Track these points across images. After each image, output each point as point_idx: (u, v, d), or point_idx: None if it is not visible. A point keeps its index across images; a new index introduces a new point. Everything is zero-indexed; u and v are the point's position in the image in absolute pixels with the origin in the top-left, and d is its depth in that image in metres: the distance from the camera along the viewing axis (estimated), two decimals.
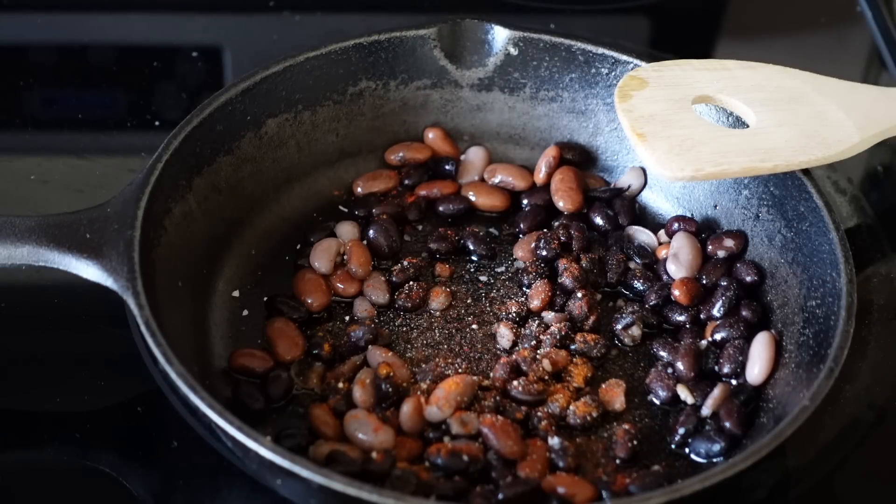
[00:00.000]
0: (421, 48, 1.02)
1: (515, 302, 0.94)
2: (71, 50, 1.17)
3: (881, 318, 0.96)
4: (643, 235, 0.99)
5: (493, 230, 1.00)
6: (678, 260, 0.96)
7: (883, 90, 0.98)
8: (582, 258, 0.96)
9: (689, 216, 0.99)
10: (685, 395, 0.89)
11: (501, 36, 1.02)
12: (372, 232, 0.97)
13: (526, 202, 1.01)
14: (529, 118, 1.04)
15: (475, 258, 0.98)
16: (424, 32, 1.01)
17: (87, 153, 1.06)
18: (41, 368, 0.92)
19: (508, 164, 1.04)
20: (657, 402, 0.90)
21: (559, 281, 0.95)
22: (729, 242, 0.96)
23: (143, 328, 0.82)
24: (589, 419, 0.87)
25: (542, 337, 0.91)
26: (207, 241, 0.94)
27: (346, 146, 1.02)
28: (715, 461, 0.86)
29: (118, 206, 0.88)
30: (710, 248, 0.96)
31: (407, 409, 0.86)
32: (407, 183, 1.02)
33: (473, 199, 1.01)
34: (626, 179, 1.02)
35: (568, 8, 1.22)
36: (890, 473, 0.90)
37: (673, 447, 0.87)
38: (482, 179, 1.03)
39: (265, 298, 0.94)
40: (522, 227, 1.00)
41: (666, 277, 0.96)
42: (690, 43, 1.23)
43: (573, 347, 0.91)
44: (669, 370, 0.90)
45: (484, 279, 0.97)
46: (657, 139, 0.90)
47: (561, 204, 1.00)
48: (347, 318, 0.94)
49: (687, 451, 0.87)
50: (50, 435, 0.88)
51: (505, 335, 0.92)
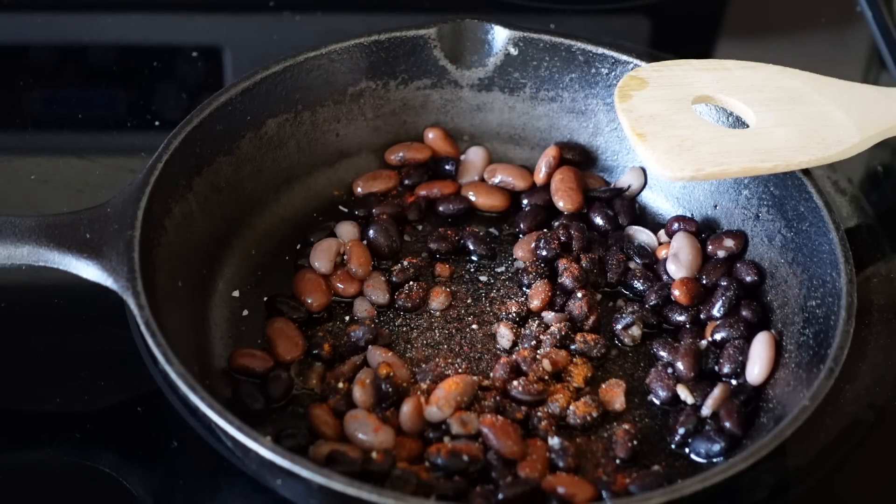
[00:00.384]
0: (421, 48, 1.02)
1: (515, 302, 0.94)
2: (71, 50, 1.17)
3: (881, 318, 0.96)
4: (643, 235, 0.99)
5: (493, 230, 1.00)
6: (678, 260, 0.96)
7: (883, 90, 0.98)
8: (582, 258, 0.96)
9: (689, 216, 0.99)
10: (685, 395, 0.89)
11: (501, 36, 1.02)
12: (372, 232, 0.97)
13: (526, 202, 1.01)
14: (529, 118, 1.04)
15: (475, 258, 0.98)
16: (424, 32, 1.01)
17: (87, 153, 1.06)
18: (41, 368, 0.91)
19: (508, 164, 1.04)
20: (657, 402, 0.90)
21: (559, 281, 0.95)
22: (729, 242, 0.96)
23: (143, 328, 0.82)
24: (589, 419, 0.87)
25: (542, 337, 0.91)
26: (207, 241, 0.94)
27: (346, 146, 1.02)
28: (715, 461, 0.86)
29: (118, 206, 0.88)
30: (710, 248, 0.96)
31: (407, 409, 0.86)
32: (407, 183, 1.02)
33: (473, 199, 1.01)
34: (626, 179, 1.02)
35: (568, 8, 1.22)
36: (890, 473, 0.90)
37: (673, 447, 0.87)
38: (482, 179, 1.03)
39: (265, 298, 0.94)
40: (522, 227, 1.00)
41: (666, 277, 0.96)
42: (690, 43, 1.23)
43: (573, 347, 0.91)
44: (669, 370, 0.90)
45: (484, 279, 0.97)
46: (657, 139, 0.90)
47: (561, 204, 1.00)
48: (347, 318, 0.94)
49: (687, 451, 0.87)
50: (50, 435, 0.88)
51: (505, 335, 0.92)
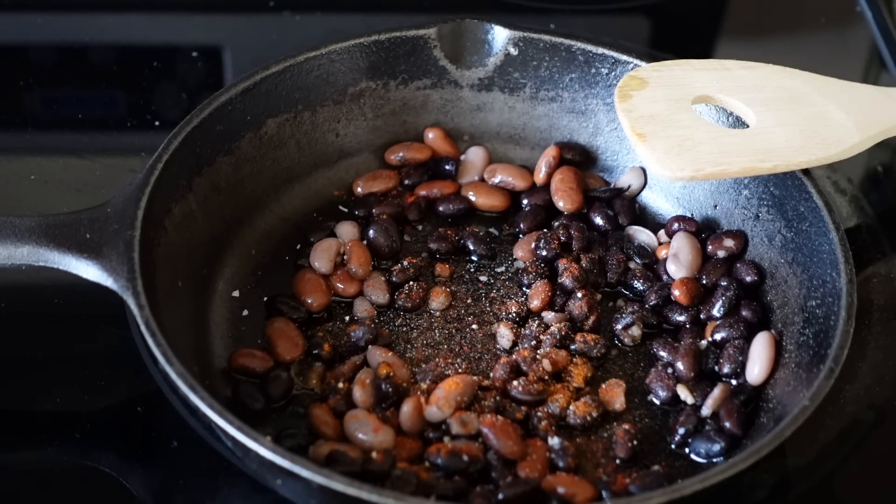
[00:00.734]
0: (421, 48, 1.02)
1: (515, 302, 0.94)
2: (71, 50, 1.17)
3: (881, 318, 0.96)
4: (643, 235, 0.99)
5: (493, 230, 1.00)
6: (678, 260, 0.96)
7: (883, 90, 0.98)
8: (582, 258, 0.96)
9: (689, 216, 0.99)
10: (685, 395, 0.89)
11: (501, 36, 1.02)
12: (372, 232, 0.97)
13: (526, 202, 1.01)
14: (529, 118, 1.04)
15: (475, 258, 0.98)
16: (424, 32, 1.01)
17: (87, 153, 1.06)
18: (41, 368, 0.92)
19: (508, 164, 1.04)
20: (657, 402, 0.90)
21: (559, 281, 0.95)
22: (729, 242, 0.96)
23: (143, 328, 0.82)
24: (589, 419, 0.87)
25: (542, 337, 0.91)
26: (207, 241, 0.94)
27: (346, 146, 1.02)
28: (715, 461, 0.86)
29: (118, 206, 0.88)
30: (710, 248, 0.96)
31: (407, 409, 0.86)
32: (407, 183, 1.02)
33: (473, 199, 1.01)
34: (626, 179, 1.02)
35: (568, 8, 1.22)
36: (890, 473, 0.90)
37: (673, 447, 0.87)
38: (482, 179, 1.03)
39: (265, 298, 0.94)
40: (522, 227, 1.00)
41: (666, 277, 0.96)
42: (690, 43, 1.23)
43: (573, 347, 0.91)
44: (669, 370, 0.90)
45: (484, 279, 0.97)
46: (657, 139, 0.90)
47: (561, 204, 1.00)
48: (347, 318, 0.94)
49: (687, 451, 0.87)
50: (50, 435, 0.88)
51: (505, 335, 0.92)
